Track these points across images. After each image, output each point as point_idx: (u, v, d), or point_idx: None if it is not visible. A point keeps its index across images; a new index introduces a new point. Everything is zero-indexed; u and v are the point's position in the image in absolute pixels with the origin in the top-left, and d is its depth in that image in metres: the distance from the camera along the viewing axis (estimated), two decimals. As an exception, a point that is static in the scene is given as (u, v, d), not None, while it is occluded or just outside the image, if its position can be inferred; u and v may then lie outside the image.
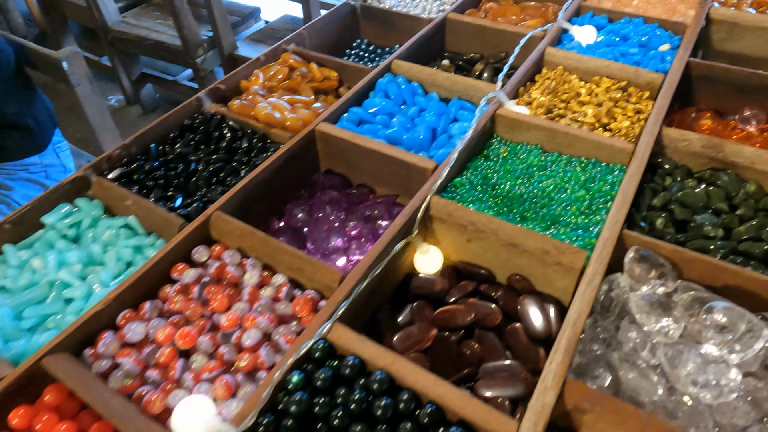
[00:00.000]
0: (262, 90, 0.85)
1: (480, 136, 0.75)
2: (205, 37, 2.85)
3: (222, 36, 2.64)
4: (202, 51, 2.86)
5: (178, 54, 2.86)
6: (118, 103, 3.73)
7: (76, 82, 1.84)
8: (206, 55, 2.86)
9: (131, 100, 3.52)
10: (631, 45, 0.92)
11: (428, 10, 1.07)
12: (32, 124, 1.20)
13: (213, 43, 2.79)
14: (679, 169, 0.72)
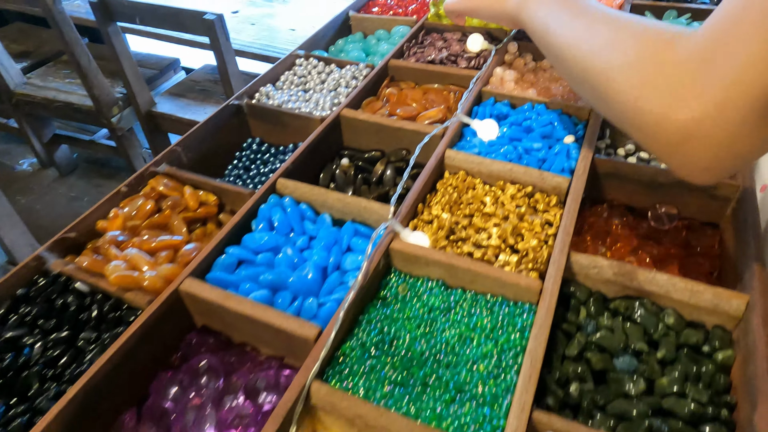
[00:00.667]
0: (122, 235, 0.72)
1: (374, 276, 0.66)
2: (120, 95, 2.70)
3: (137, 93, 2.50)
4: (117, 110, 2.70)
5: (91, 114, 2.71)
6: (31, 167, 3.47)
7: None
8: (122, 113, 2.70)
9: (45, 163, 3.29)
10: (535, 138, 0.86)
11: (321, 105, 0.98)
12: None
13: (129, 100, 2.65)
14: (593, 299, 0.65)
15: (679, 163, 0.50)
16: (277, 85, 1.06)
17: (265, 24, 3.02)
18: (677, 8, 1.19)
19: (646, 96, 0.49)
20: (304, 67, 1.10)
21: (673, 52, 0.48)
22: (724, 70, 0.43)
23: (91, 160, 3.44)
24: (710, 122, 0.44)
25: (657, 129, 0.49)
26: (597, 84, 0.57)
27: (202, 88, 2.73)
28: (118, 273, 0.64)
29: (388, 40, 1.22)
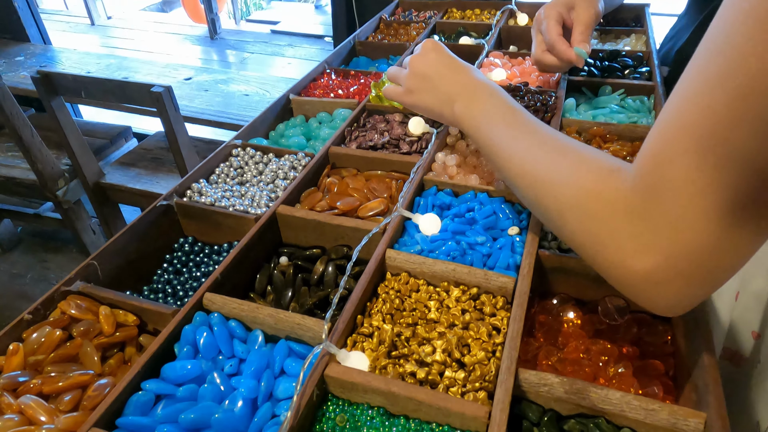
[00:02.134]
0: (22, 375, 0.64)
1: (309, 407, 0.59)
2: (66, 167, 2.60)
3: (83, 165, 2.40)
4: (63, 182, 2.59)
5: (34, 189, 2.59)
6: (-28, 243, 3.25)
7: None
8: (68, 186, 2.59)
9: (-16, 242, 3.08)
10: (478, 231, 0.83)
11: (257, 201, 0.93)
12: None
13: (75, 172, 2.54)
14: (546, 418, 0.60)
15: (646, 303, 0.49)
16: (211, 179, 1.00)
17: (219, 90, 3.01)
18: (611, 84, 1.22)
19: (599, 248, 0.49)
20: (240, 157, 1.06)
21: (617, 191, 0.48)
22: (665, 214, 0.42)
23: (36, 233, 3.27)
24: (663, 272, 0.43)
25: (616, 275, 0.49)
26: (551, 219, 0.57)
27: (154, 156, 2.66)
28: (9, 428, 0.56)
29: (329, 123, 1.20)
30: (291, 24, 5.52)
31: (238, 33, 5.32)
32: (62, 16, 5.71)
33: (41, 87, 2.08)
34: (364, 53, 1.60)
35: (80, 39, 5.03)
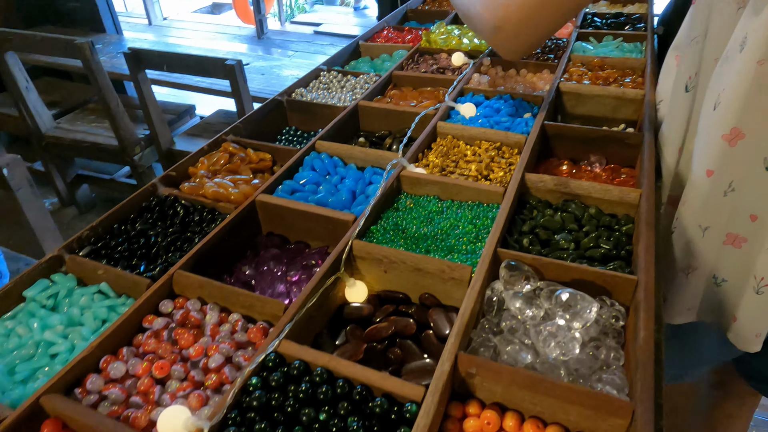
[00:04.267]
0: (207, 174, 1.01)
1: (389, 193, 0.95)
2: (142, 136, 3.00)
3: (159, 134, 2.80)
4: (140, 149, 3.01)
5: (115, 153, 2.98)
6: (51, 206, 3.73)
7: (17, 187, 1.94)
8: (144, 152, 3.01)
9: (66, 202, 3.55)
10: (503, 115, 1.18)
11: (342, 99, 1.30)
12: None
13: (150, 140, 2.94)
14: (541, 204, 0.94)
15: (496, 46, 0.85)
16: (307, 89, 1.38)
17: (273, 73, 3.46)
18: (612, 34, 1.55)
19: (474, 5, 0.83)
20: (326, 77, 1.43)
21: None
22: None
23: (109, 198, 3.73)
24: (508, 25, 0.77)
25: (479, 24, 0.83)
26: None
27: (216, 129, 3.08)
28: (213, 189, 0.93)
29: (390, 60, 1.56)
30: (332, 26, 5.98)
31: (283, 33, 5.78)
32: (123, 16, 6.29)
33: (131, 61, 2.47)
34: (415, 18, 1.96)
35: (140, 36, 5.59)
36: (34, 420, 0.60)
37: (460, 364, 0.62)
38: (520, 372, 0.60)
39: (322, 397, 0.59)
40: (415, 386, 0.59)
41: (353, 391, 0.60)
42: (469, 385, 0.63)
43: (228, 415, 0.58)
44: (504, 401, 0.62)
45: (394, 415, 0.58)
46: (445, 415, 0.62)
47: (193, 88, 3.22)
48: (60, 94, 3.27)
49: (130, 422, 0.60)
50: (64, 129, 2.96)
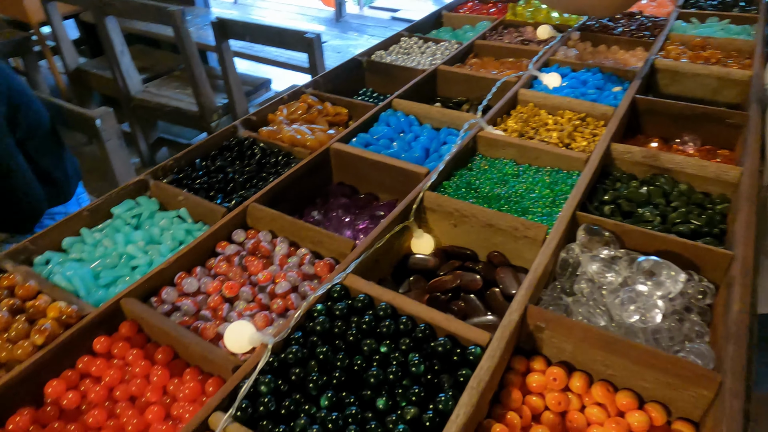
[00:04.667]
0: (285, 120, 1.03)
1: (464, 152, 0.93)
2: (220, 104, 3.13)
3: (236, 103, 2.90)
4: (217, 116, 3.13)
5: (194, 119, 3.13)
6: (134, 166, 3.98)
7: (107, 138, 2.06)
8: (221, 119, 3.13)
9: (146, 163, 3.76)
10: (590, 87, 1.12)
11: (422, 63, 1.29)
12: (60, 177, 1.37)
13: (227, 108, 3.05)
14: (626, 176, 0.88)
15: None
16: (386, 51, 1.37)
17: (350, 52, 3.50)
18: (718, 15, 1.43)
19: None
20: (406, 42, 1.42)
21: None
22: None
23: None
24: None
25: None
26: None
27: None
28: (290, 134, 0.95)
29: (473, 31, 1.52)
30: (409, 12, 5.95)
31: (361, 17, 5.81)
32: (210, -5, 6.55)
33: (217, 30, 2.57)
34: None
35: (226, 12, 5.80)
36: (113, 320, 0.64)
37: (529, 317, 0.59)
38: (594, 330, 0.56)
39: (384, 330, 0.59)
40: (480, 331, 0.57)
41: (416, 328, 0.59)
42: (536, 340, 0.60)
43: (292, 335, 0.58)
44: (573, 360, 0.59)
45: (457, 356, 0.56)
46: (507, 368, 0.60)
47: (271, 62, 3.31)
48: (150, 61, 3.46)
49: (199, 332, 0.62)
50: (150, 93, 3.13)
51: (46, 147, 1.32)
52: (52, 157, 1.34)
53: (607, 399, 0.56)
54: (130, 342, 0.63)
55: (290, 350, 0.56)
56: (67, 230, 0.78)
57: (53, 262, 0.72)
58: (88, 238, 0.77)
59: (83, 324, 0.61)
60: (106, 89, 3.47)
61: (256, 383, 0.53)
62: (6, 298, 0.65)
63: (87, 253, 0.75)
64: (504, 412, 0.55)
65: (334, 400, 0.53)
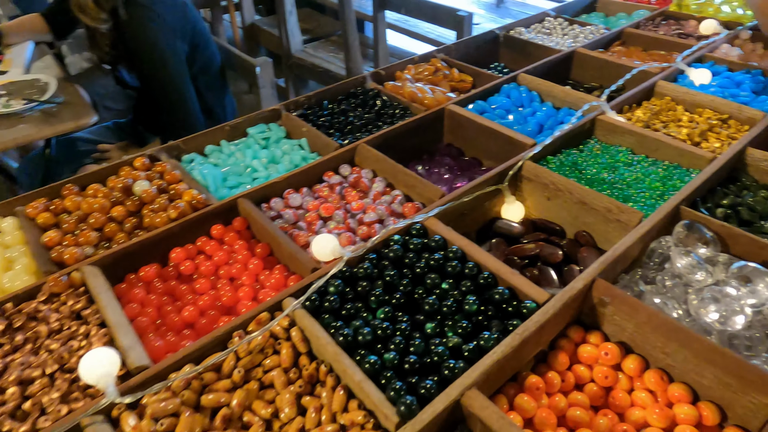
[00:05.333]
0: (411, 79, 1.09)
1: (578, 133, 0.91)
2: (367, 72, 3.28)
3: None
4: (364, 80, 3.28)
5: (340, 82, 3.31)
6: (283, 119, 4.31)
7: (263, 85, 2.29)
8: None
9: (293, 116, 4.05)
10: (744, 90, 1.01)
11: (560, 44, 1.26)
12: (219, 113, 1.56)
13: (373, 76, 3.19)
14: (756, 185, 0.80)
15: None
16: (527, 29, 1.36)
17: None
18: None
19: None
20: (550, 23, 1.39)
21: None
22: None
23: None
24: None
25: None
26: None
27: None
28: (410, 90, 1.00)
29: (627, 19, 1.44)
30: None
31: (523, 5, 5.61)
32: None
33: (376, 1, 2.68)
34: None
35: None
36: (229, 214, 0.76)
37: (596, 289, 0.59)
38: (660, 314, 0.55)
39: (450, 270, 0.63)
40: (541, 290, 0.59)
41: (480, 275, 0.62)
42: (598, 315, 0.60)
43: (366, 255, 0.65)
44: (631, 342, 0.58)
45: (512, 308, 0.59)
46: (562, 335, 0.61)
47: (421, 37, 3.39)
48: (313, 24, 3.74)
49: (293, 237, 0.72)
50: (307, 53, 3.40)
51: (213, 85, 1.52)
52: (215, 95, 1.54)
53: (660, 387, 0.55)
54: (239, 234, 0.75)
55: (362, 266, 0.63)
56: (211, 139, 0.93)
57: (196, 161, 0.87)
58: (225, 149, 0.91)
59: (207, 211, 0.74)
60: (271, 45, 3.82)
61: (327, 284, 0.60)
62: (156, 179, 0.80)
63: (222, 159, 0.89)
64: (546, 371, 0.56)
65: (389, 315, 0.58)
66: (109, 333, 0.57)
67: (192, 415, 0.50)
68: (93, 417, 0.48)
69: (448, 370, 0.51)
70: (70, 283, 0.62)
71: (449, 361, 0.52)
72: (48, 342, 0.57)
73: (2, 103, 1.04)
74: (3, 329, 0.58)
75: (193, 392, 0.51)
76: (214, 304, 0.67)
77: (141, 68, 1.27)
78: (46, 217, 0.73)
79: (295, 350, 0.56)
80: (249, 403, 0.52)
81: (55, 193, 0.78)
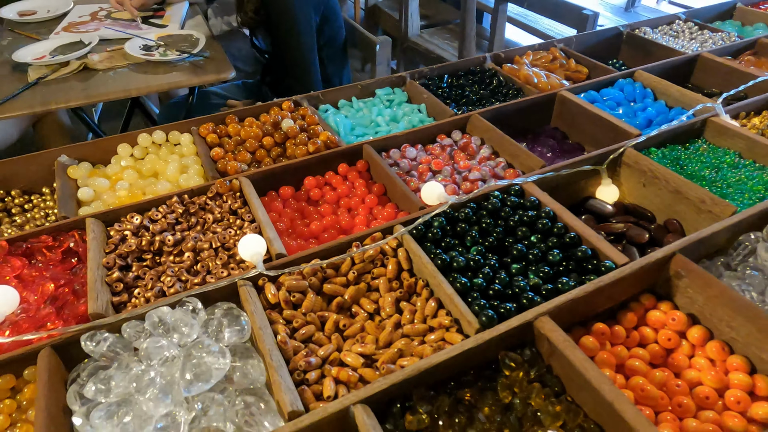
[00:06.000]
0: (528, 64, 1.16)
1: (687, 131, 0.94)
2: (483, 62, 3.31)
3: None
4: None
5: None
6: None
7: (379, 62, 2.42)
8: None
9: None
10: None
11: (686, 47, 1.26)
12: (337, 84, 1.69)
13: None
14: None
15: None
16: (653, 30, 1.37)
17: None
18: None
19: None
20: (680, 26, 1.38)
21: None
22: None
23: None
24: None
25: None
26: None
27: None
28: (526, 73, 1.08)
29: (765, 30, 1.39)
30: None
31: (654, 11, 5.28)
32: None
33: None
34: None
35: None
36: (354, 156, 0.89)
37: (674, 263, 0.65)
38: (731, 290, 0.60)
39: (540, 226, 0.71)
40: (621, 253, 0.66)
41: (567, 234, 0.70)
42: (672, 286, 0.66)
43: (467, 203, 0.75)
44: (700, 315, 0.63)
45: (591, 265, 0.66)
46: (634, 299, 0.67)
47: (539, 33, 3.36)
48: (432, 10, 3.83)
49: (406, 182, 0.84)
50: (423, 38, 3.50)
51: (335, 57, 1.65)
52: (336, 67, 1.68)
53: (720, 357, 0.60)
54: (360, 174, 0.88)
55: (462, 211, 0.73)
56: (344, 95, 1.07)
57: (331, 111, 1.02)
58: (355, 104, 1.05)
59: (337, 150, 0.88)
60: (389, 27, 3.96)
61: (432, 219, 0.71)
62: (299, 120, 0.95)
63: (351, 113, 1.02)
64: (613, 325, 0.64)
65: (481, 252, 0.68)
66: (258, 227, 0.72)
67: (315, 297, 0.64)
68: (245, 281, 0.64)
69: (527, 300, 0.61)
70: (230, 187, 0.79)
71: (528, 293, 0.61)
72: (214, 227, 0.73)
73: (160, 52, 1.24)
74: (182, 212, 0.75)
75: (317, 279, 0.65)
76: (334, 225, 0.80)
77: (276, 33, 1.43)
78: (213, 138, 0.91)
79: (400, 266, 0.68)
80: (358, 298, 0.65)
81: (220, 120, 0.96)
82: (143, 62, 1.24)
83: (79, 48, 1.24)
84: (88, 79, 1.17)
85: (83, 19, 1.47)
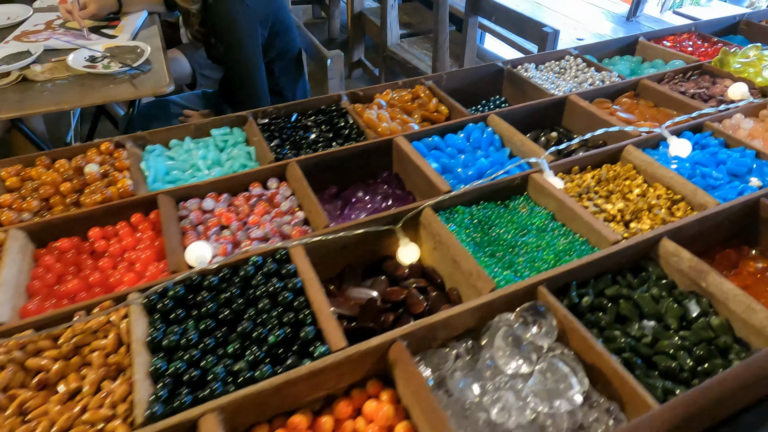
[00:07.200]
0: (384, 104, 1.13)
1: (508, 188, 0.90)
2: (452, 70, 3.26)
3: None
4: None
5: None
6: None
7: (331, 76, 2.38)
8: None
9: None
10: (721, 171, 0.92)
11: (560, 88, 1.21)
12: (289, 96, 1.66)
13: None
14: (661, 280, 0.75)
15: None
16: (538, 67, 1.32)
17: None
18: None
19: None
20: (569, 61, 1.33)
21: None
22: None
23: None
24: None
25: None
26: None
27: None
28: (369, 116, 1.04)
29: (658, 68, 1.33)
30: (716, 22, 5.03)
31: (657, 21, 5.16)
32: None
33: (468, 5, 2.65)
34: (746, 33, 1.57)
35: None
36: (150, 205, 0.87)
37: (392, 351, 0.61)
38: (425, 389, 0.56)
39: (281, 300, 0.68)
40: (342, 338, 0.62)
41: (303, 310, 0.67)
42: (394, 374, 0.62)
43: (221, 269, 0.72)
44: (408, 408, 0.60)
45: (312, 347, 0.63)
46: (360, 386, 0.64)
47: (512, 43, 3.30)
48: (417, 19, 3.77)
49: (184, 237, 0.81)
50: (402, 48, 3.45)
51: (287, 69, 1.61)
52: (289, 79, 1.64)
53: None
54: (154, 226, 0.85)
55: (209, 279, 0.70)
56: (178, 134, 1.05)
57: (155, 152, 0.99)
58: (185, 145, 1.02)
59: (127, 201, 0.85)
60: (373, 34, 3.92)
61: (171, 287, 0.69)
62: (107, 165, 0.93)
63: (178, 154, 1.00)
64: (328, 414, 0.60)
65: (208, 327, 0.66)
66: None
67: (15, 372, 0.61)
68: (-55, 353, 0.61)
69: (210, 390, 0.58)
70: (-7, 241, 0.77)
71: (216, 384, 0.58)
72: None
73: (104, 64, 1.23)
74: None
75: (25, 354, 0.63)
76: (103, 282, 0.78)
77: (221, 47, 1.41)
78: (13, 181, 0.89)
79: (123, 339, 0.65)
80: (68, 373, 0.63)
81: (30, 162, 0.94)
82: (84, 74, 1.23)
83: (24, 58, 1.24)
84: (25, 91, 1.17)
85: (37, 27, 1.47)
